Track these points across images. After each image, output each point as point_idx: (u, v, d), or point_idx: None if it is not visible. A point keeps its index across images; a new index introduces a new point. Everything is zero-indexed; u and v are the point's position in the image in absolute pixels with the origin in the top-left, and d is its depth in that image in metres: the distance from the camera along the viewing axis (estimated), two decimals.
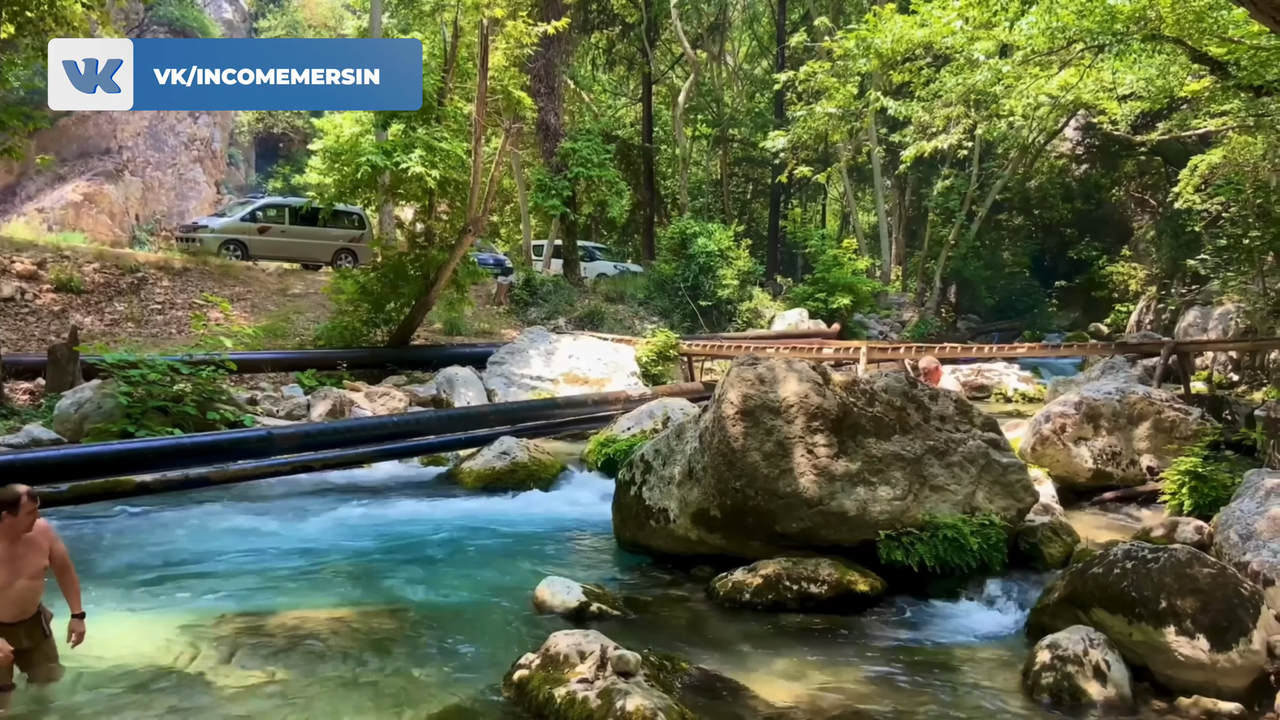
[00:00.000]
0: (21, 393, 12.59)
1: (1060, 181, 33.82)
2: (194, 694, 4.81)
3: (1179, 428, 9.34)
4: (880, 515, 6.71)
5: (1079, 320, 31.83)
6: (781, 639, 5.92)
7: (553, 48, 23.75)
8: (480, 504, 9.58)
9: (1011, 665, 5.49)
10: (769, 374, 7.14)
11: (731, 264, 24.32)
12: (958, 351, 16.35)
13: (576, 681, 4.57)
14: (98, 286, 17.35)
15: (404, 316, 17.01)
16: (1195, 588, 5.04)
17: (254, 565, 7.20)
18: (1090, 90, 17.08)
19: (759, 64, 40.03)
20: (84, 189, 30.82)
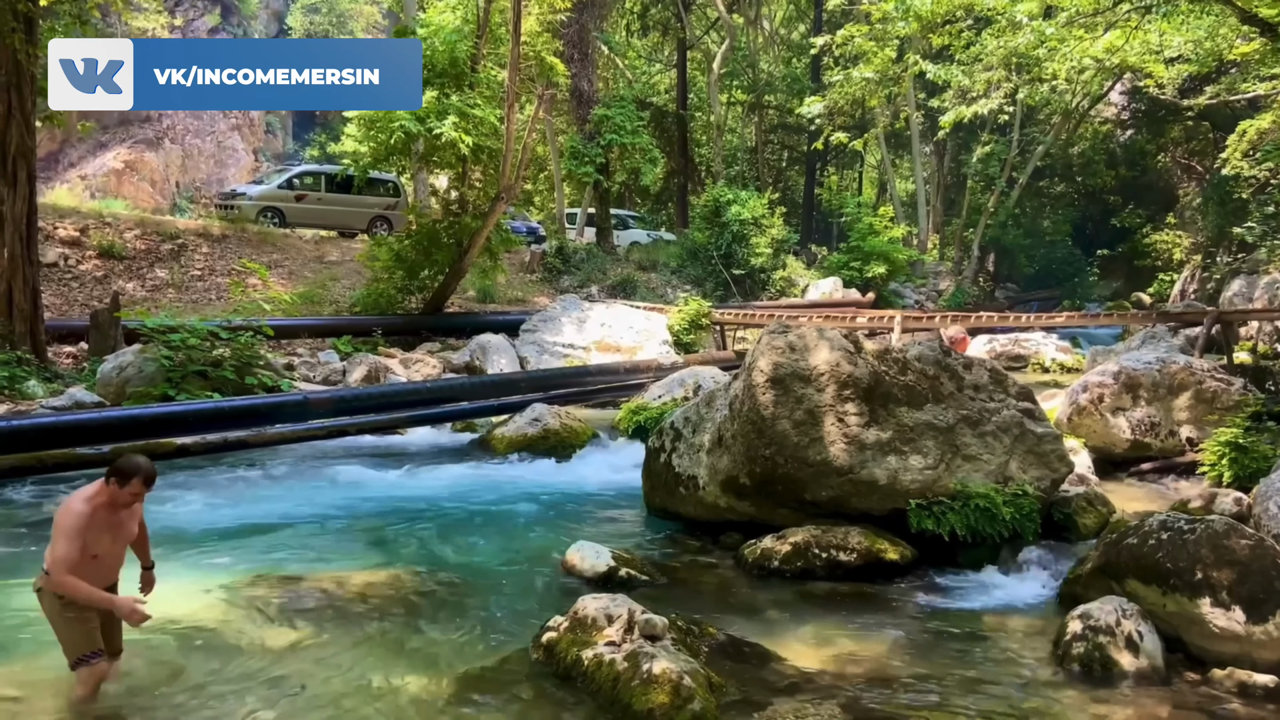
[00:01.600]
0: (65, 356, 12.85)
1: (1104, 147, 33.11)
2: (233, 655, 4.92)
3: (1220, 398, 9.17)
4: (911, 484, 6.67)
5: (1121, 290, 31.29)
6: (809, 606, 5.92)
7: (586, 13, 23.57)
8: (512, 470, 9.66)
9: (1042, 635, 5.45)
10: (799, 342, 7.10)
11: (765, 232, 24.13)
12: (994, 320, 16.14)
13: (604, 644, 4.61)
14: (139, 253, 17.61)
15: (438, 284, 17.11)
16: (1232, 559, 4.97)
17: (289, 528, 7.32)
18: (1136, 53, 16.68)
19: (796, 28, 39.41)
20: (125, 156, 31.27)
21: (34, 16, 11.02)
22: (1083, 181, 33.67)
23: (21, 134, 11.12)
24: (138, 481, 4.10)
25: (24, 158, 11.23)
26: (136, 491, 4.12)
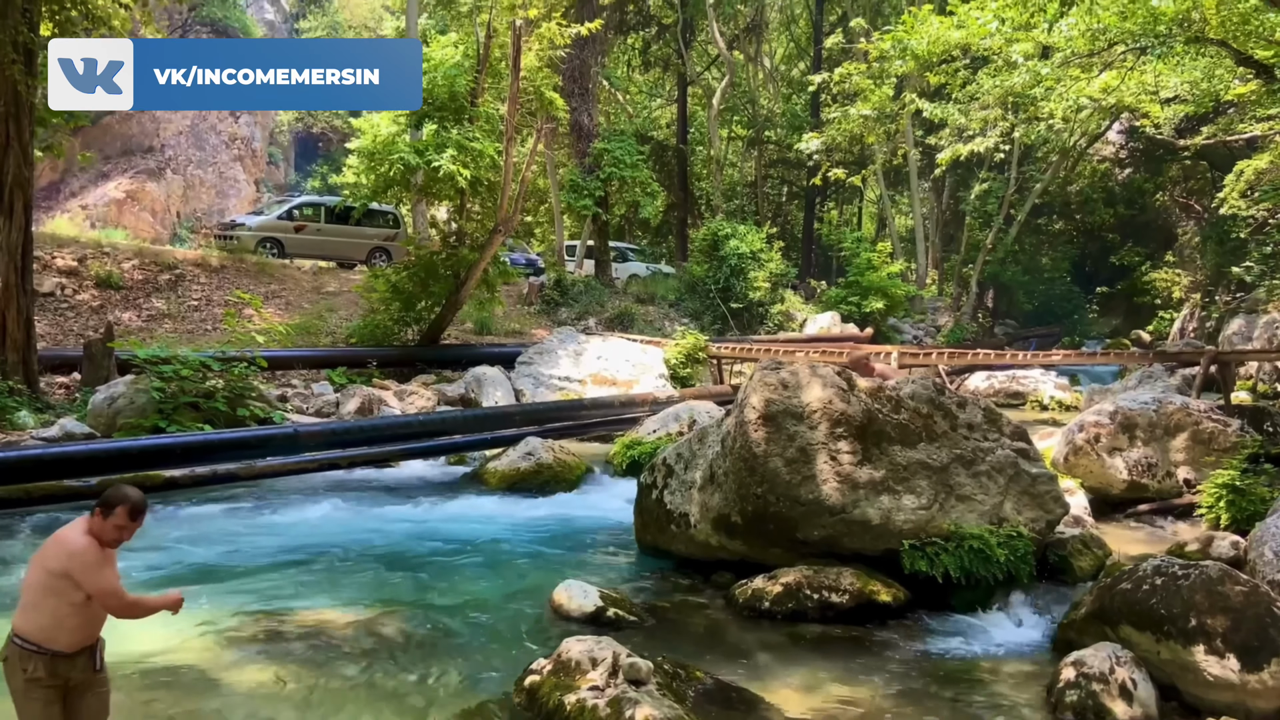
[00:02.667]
0: (58, 387, 12.78)
1: (1102, 185, 33.23)
2: (212, 694, 4.83)
3: (1217, 439, 9.10)
4: (904, 524, 6.59)
5: (1120, 327, 31.27)
6: (800, 649, 5.83)
7: (587, 49, 23.74)
8: (503, 504, 9.57)
9: (1036, 681, 5.36)
10: (792, 379, 7.05)
11: (763, 266, 24.17)
12: (991, 358, 16.10)
13: (587, 689, 4.52)
14: (136, 283, 17.60)
15: (434, 315, 17.08)
16: (1226, 606, 4.89)
17: (274, 564, 7.23)
18: (1133, 93, 16.78)
19: (795, 65, 39.75)
20: (127, 186, 31.40)
21: (34, 48, 11.08)
22: (1081, 219, 33.76)
23: (19, 164, 11.14)
24: (122, 512, 3.60)
25: (21, 188, 11.24)
26: (120, 524, 3.60)
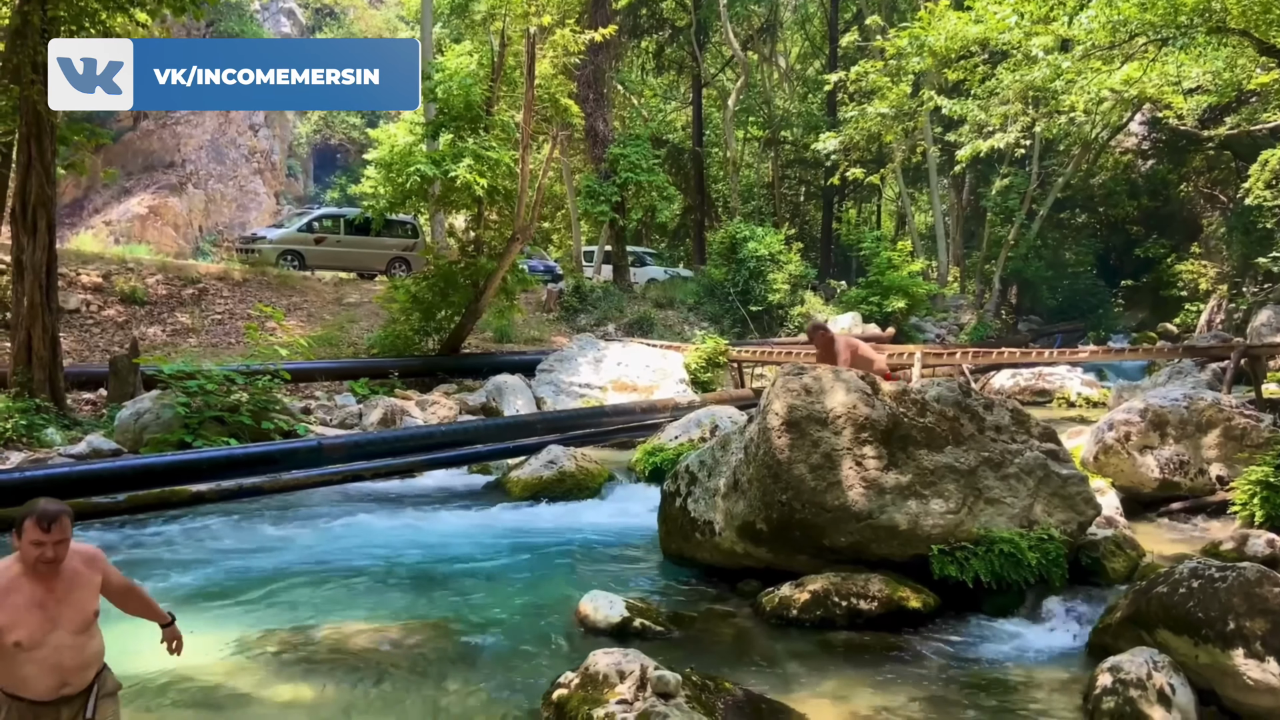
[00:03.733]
0: (84, 403, 12.90)
1: (1125, 178, 32.91)
2: (237, 711, 4.82)
3: (1249, 435, 8.94)
4: (933, 529, 6.51)
5: (1146, 320, 30.94)
6: (829, 657, 5.75)
7: (601, 54, 23.77)
8: (527, 514, 9.55)
9: (1071, 688, 5.26)
10: (815, 384, 6.98)
11: (782, 268, 24.08)
12: (1015, 356, 15.93)
13: (615, 703, 4.47)
14: (161, 298, 17.76)
15: (454, 325, 17.13)
16: (1265, 608, 4.78)
17: (299, 577, 7.23)
18: (1154, 84, 16.60)
19: (811, 65, 39.63)
20: (149, 202, 31.73)
21: None
22: (1105, 212, 33.43)
23: (41, 184, 11.26)
24: (30, 525, 2.99)
25: (44, 207, 11.36)
26: (34, 539, 2.98)
